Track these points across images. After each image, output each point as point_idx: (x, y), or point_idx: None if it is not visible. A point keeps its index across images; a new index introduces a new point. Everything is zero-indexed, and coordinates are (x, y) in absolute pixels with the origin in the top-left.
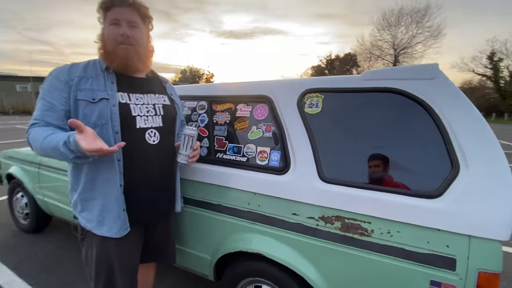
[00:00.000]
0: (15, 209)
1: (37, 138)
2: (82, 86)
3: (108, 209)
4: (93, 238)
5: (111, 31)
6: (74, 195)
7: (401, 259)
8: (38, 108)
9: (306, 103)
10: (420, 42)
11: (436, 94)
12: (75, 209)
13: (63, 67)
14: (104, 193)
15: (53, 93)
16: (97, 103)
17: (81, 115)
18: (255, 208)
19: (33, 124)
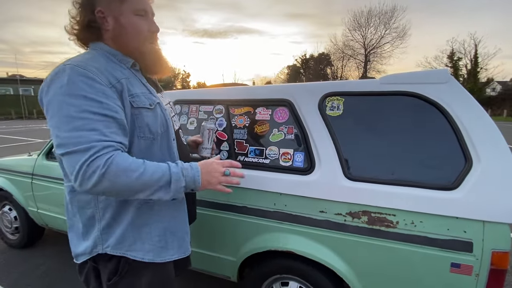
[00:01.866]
0: (2, 223)
1: (129, 168)
2: (133, 91)
3: (174, 229)
4: (142, 269)
5: (141, 24)
6: (115, 230)
7: (425, 246)
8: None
9: (327, 106)
10: (388, 42)
11: (449, 97)
12: (118, 249)
13: (84, 65)
14: (168, 215)
15: (107, 102)
16: (154, 110)
17: (142, 127)
18: (281, 208)
19: (106, 148)
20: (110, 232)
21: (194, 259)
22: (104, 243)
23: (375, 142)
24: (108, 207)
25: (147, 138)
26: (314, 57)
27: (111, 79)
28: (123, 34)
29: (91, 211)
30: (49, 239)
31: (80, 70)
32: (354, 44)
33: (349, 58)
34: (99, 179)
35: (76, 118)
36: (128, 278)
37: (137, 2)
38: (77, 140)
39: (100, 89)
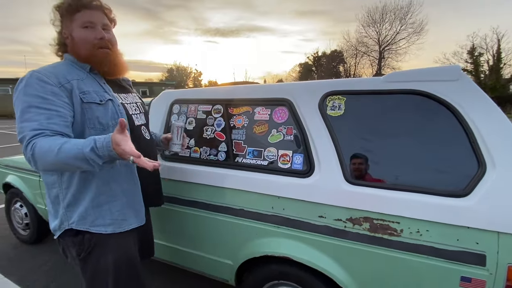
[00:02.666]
0: (14, 219)
1: (49, 149)
2: (84, 89)
3: (131, 204)
4: (107, 243)
5: (87, 33)
6: (77, 209)
7: (432, 257)
8: (34, 117)
9: (328, 106)
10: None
11: (460, 96)
12: (81, 224)
13: (42, 71)
14: (125, 191)
15: (53, 98)
16: (104, 105)
17: (92, 119)
18: (279, 211)
19: (34, 136)
20: (73, 210)
21: (193, 261)
22: (69, 220)
23: (379, 144)
24: (70, 187)
25: (97, 129)
26: (326, 55)
27: (61, 80)
28: (75, 44)
29: (56, 191)
30: None
31: (36, 75)
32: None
33: (363, 55)
34: (32, 161)
35: (25, 112)
36: (95, 252)
37: (83, 17)
38: (21, 129)
39: (49, 89)
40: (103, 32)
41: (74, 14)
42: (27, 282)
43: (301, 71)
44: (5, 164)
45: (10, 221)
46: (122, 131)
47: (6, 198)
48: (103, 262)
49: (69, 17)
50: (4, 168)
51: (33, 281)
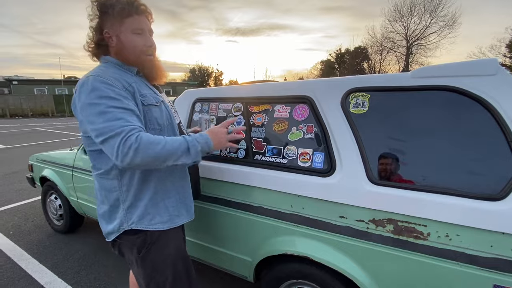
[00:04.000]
0: (49, 210)
1: (155, 141)
2: (142, 92)
3: (184, 198)
4: (164, 238)
5: (137, 40)
6: (136, 210)
7: (462, 263)
8: (118, 115)
9: (351, 103)
10: (434, 32)
11: (497, 91)
12: (140, 224)
13: (102, 74)
14: (178, 187)
15: (125, 100)
16: (159, 106)
17: (152, 120)
18: (298, 210)
19: (133, 130)
20: (133, 211)
21: (213, 256)
22: (129, 221)
23: (406, 143)
24: (130, 189)
25: (156, 130)
26: (349, 51)
27: (124, 83)
28: (123, 48)
29: (116, 194)
30: (88, 227)
31: (100, 79)
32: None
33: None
34: (134, 153)
35: (105, 113)
36: (154, 248)
37: (134, 23)
38: (110, 128)
39: (117, 92)
40: (152, 40)
41: (126, 18)
42: (60, 269)
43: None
44: (42, 159)
45: (45, 212)
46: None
47: (42, 190)
48: (162, 256)
49: (119, 20)
50: (41, 162)
51: (66, 269)
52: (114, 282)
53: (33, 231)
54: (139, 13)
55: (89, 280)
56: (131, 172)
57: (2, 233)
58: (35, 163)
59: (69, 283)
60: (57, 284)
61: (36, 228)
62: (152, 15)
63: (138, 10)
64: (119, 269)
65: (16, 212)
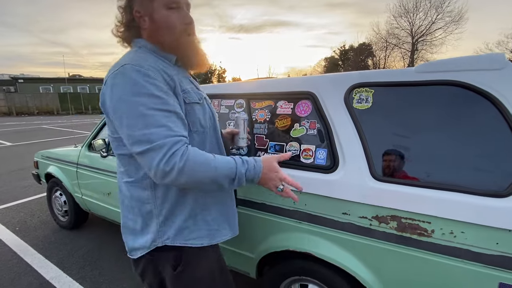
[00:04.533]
0: (54, 206)
1: (205, 162)
2: (184, 87)
3: (225, 213)
4: (201, 254)
5: (174, 17)
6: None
7: (466, 261)
8: (160, 121)
9: (355, 98)
10: (440, 28)
11: (504, 86)
12: (177, 239)
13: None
14: (220, 201)
15: (167, 98)
16: (202, 104)
17: (195, 121)
18: (301, 207)
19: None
20: (168, 225)
21: None
22: (163, 236)
23: (410, 139)
24: (166, 203)
25: (199, 132)
26: (353, 48)
27: (165, 76)
28: (157, 29)
29: (150, 206)
30: (92, 224)
31: (140, 69)
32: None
33: (393, 48)
34: (177, 174)
35: (145, 116)
36: (191, 265)
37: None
38: (150, 137)
39: (161, 88)
40: (190, 16)
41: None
42: (65, 264)
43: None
44: (46, 156)
45: (51, 208)
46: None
47: (47, 187)
48: (199, 273)
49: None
50: (46, 159)
51: (71, 264)
52: (118, 277)
53: (38, 227)
54: None
55: (93, 276)
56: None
57: (9, 229)
58: (40, 160)
59: (74, 278)
60: (62, 279)
61: (41, 224)
62: None
63: None
64: (123, 265)
65: (22, 208)
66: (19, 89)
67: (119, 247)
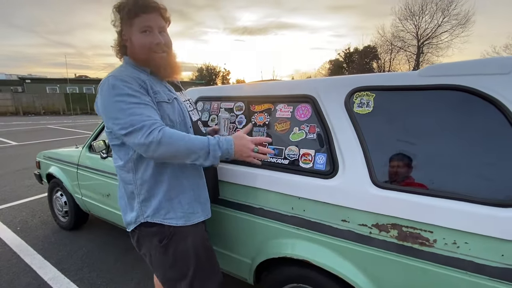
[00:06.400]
0: (55, 207)
1: (179, 136)
2: (155, 89)
3: (198, 197)
4: (184, 230)
5: (144, 39)
6: (150, 204)
7: (470, 273)
8: (139, 111)
9: (355, 103)
10: (446, 31)
11: (511, 92)
12: (155, 217)
13: (120, 74)
14: (193, 184)
15: (142, 96)
16: (171, 103)
17: (164, 116)
18: (299, 213)
19: (155, 123)
20: (147, 205)
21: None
22: (144, 214)
23: (411, 145)
24: (144, 184)
25: (168, 125)
26: (358, 51)
27: (139, 81)
28: (134, 48)
29: (131, 187)
30: (92, 225)
31: (118, 77)
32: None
33: (399, 50)
34: (156, 146)
35: (126, 109)
36: (175, 238)
37: (141, 22)
38: (132, 122)
39: (134, 89)
40: (160, 37)
41: (133, 19)
42: (64, 265)
43: (331, 68)
44: (48, 156)
45: (52, 208)
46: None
47: (49, 187)
48: (184, 246)
49: (129, 22)
50: (48, 159)
51: (69, 265)
52: (116, 280)
53: (39, 227)
54: (148, 12)
55: (91, 277)
56: (145, 168)
57: (10, 229)
58: (42, 160)
59: (71, 280)
60: (60, 280)
61: (42, 224)
62: (166, 10)
63: (146, 9)
64: (121, 267)
65: (25, 208)
66: (26, 89)
67: (118, 249)
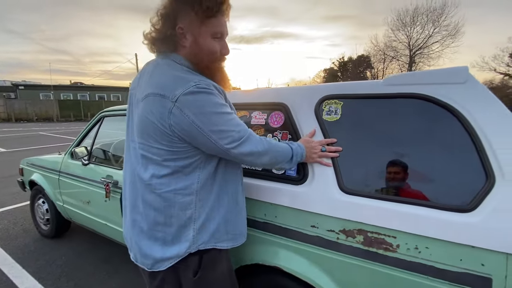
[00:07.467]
0: (37, 215)
1: (275, 144)
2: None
3: (243, 219)
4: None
5: (216, 46)
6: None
7: (431, 278)
8: (239, 122)
9: (324, 110)
10: (437, 41)
11: (467, 100)
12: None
13: (208, 83)
14: (242, 204)
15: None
16: None
17: None
18: (271, 219)
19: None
20: (204, 230)
21: None
22: (198, 241)
23: (376, 152)
24: (205, 206)
25: None
26: (352, 60)
27: (218, 89)
28: (198, 52)
29: (190, 212)
30: (74, 233)
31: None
32: (398, 45)
33: (391, 60)
34: (264, 153)
35: (232, 119)
36: (207, 269)
37: (216, 26)
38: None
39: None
40: (229, 48)
41: (210, 18)
42: (41, 274)
43: (325, 76)
44: (31, 163)
45: (33, 216)
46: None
47: (31, 194)
48: (214, 276)
49: (202, 19)
50: (31, 166)
51: (47, 274)
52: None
53: (20, 235)
54: (222, 14)
55: (68, 287)
56: (210, 188)
57: None
58: (25, 167)
59: None
60: None
61: (23, 232)
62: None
63: (223, 11)
64: (100, 276)
65: (7, 216)
66: (19, 96)
67: (98, 257)
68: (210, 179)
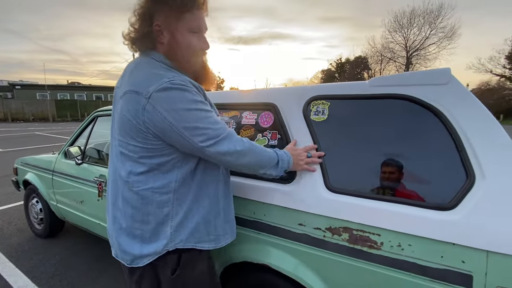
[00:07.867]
0: (31, 214)
1: (257, 146)
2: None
3: (227, 217)
4: (199, 256)
5: (194, 42)
6: (186, 227)
7: (414, 274)
8: (217, 120)
9: (312, 111)
10: (433, 43)
11: (448, 101)
12: (189, 242)
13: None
14: (226, 205)
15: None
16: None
17: None
18: (260, 217)
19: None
20: (181, 229)
21: None
22: (176, 239)
23: (362, 151)
24: (182, 204)
25: None
26: (350, 61)
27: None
28: (176, 48)
29: (167, 209)
30: (68, 232)
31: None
32: (395, 46)
33: (388, 61)
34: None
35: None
36: (187, 268)
37: (193, 20)
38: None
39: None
40: (208, 42)
41: (185, 13)
42: (35, 273)
43: (323, 77)
44: (25, 163)
45: (27, 216)
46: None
47: (25, 193)
48: (193, 276)
49: (178, 14)
50: (25, 166)
51: (40, 273)
52: (88, 287)
53: (14, 234)
54: (199, 8)
55: (61, 286)
56: (188, 187)
57: None
58: (19, 167)
59: None
60: None
61: (18, 231)
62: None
63: (202, 5)
64: (92, 275)
65: (2, 215)
66: (16, 96)
67: (91, 256)
68: (188, 179)
